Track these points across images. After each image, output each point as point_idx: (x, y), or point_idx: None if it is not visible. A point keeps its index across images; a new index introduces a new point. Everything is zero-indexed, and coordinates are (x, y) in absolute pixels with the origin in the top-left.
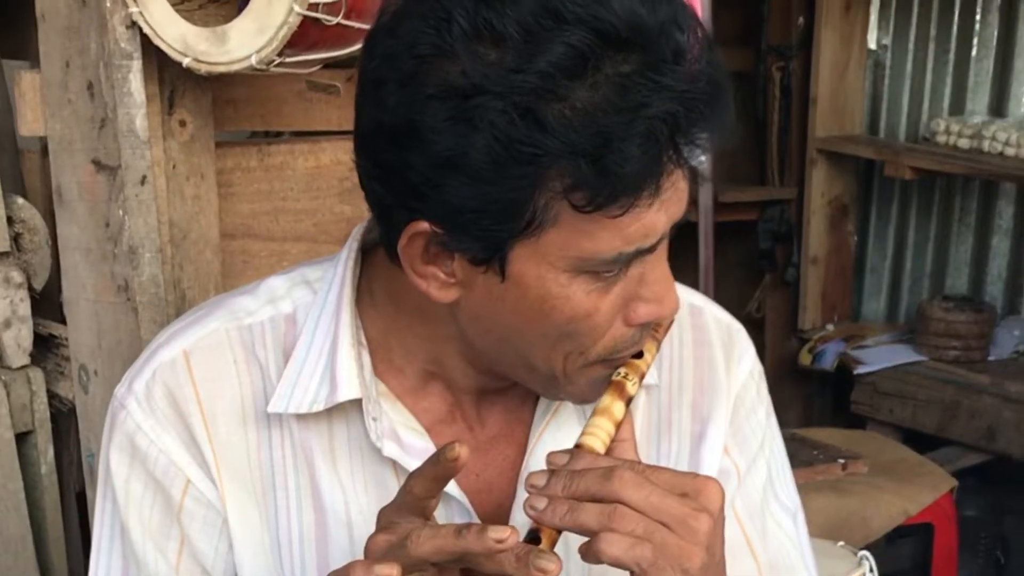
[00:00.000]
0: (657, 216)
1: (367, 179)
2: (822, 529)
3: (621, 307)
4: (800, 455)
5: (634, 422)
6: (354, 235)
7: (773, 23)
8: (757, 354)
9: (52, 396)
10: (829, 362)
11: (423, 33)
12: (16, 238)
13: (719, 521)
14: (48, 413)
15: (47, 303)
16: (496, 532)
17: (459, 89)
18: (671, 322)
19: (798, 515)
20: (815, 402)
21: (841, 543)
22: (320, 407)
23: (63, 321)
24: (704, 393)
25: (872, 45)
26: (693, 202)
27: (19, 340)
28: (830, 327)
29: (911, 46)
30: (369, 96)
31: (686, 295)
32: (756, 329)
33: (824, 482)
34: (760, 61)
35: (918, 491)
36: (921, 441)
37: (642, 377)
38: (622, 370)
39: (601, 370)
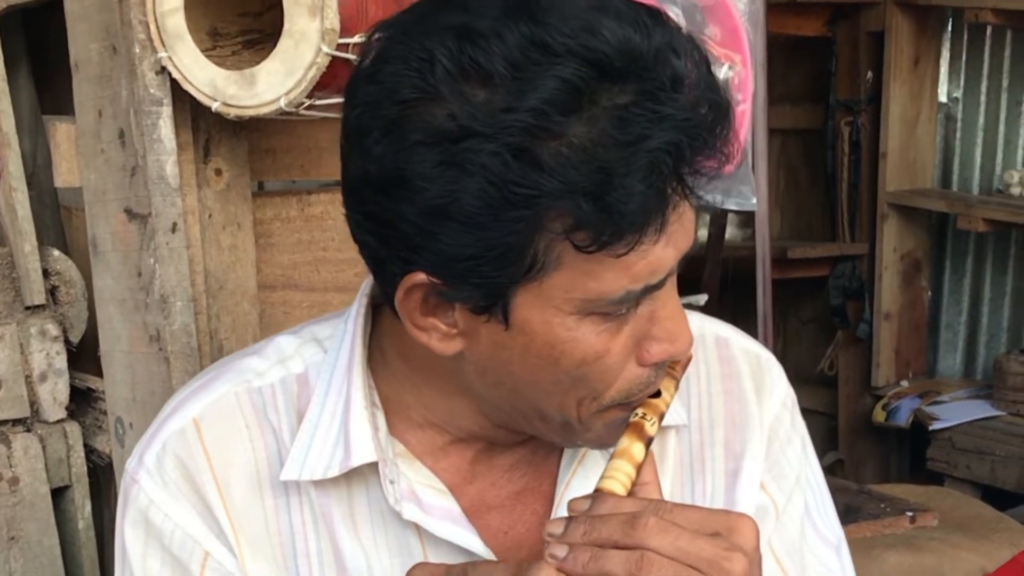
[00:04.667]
0: (664, 252)
1: (359, 232)
2: None
3: (633, 347)
4: (867, 508)
5: (658, 463)
6: (363, 289)
7: (841, 78)
8: (831, 408)
9: (91, 451)
10: (904, 419)
11: (405, 77)
12: (52, 291)
13: (755, 560)
14: (85, 468)
15: (86, 357)
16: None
17: (447, 133)
18: (689, 358)
19: (842, 547)
20: (891, 460)
21: None
22: (335, 472)
23: (101, 375)
24: (736, 428)
25: (943, 98)
26: (751, 254)
27: (55, 394)
28: (904, 383)
29: (983, 98)
30: (354, 146)
31: (712, 326)
32: (829, 386)
33: (898, 538)
34: (829, 117)
35: (995, 547)
36: (1001, 498)
37: (661, 417)
38: (640, 411)
39: (618, 413)
